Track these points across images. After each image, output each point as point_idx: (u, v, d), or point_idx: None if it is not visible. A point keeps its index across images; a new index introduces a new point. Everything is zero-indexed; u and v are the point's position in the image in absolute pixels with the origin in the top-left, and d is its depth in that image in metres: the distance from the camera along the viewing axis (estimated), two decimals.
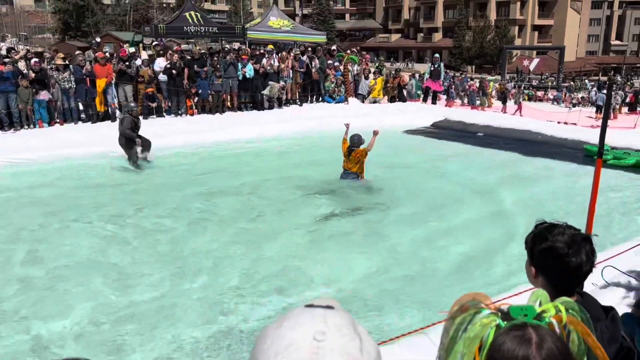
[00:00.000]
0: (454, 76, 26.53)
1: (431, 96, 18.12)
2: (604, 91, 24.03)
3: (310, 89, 17.03)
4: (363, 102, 17.10)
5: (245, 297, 4.89)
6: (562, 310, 0.89)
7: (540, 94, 35.10)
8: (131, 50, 15.19)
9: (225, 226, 6.92)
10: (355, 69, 17.92)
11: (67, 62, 13.15)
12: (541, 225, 1.61)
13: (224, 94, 14.77)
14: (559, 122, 15.06)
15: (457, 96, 23.63)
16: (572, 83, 40.50)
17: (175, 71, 13.74)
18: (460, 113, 16.08)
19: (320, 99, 17.13)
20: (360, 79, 17.57)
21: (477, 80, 27.88)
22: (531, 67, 47.27)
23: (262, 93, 15.36)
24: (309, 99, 17.03)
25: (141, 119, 10.82)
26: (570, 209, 7.16)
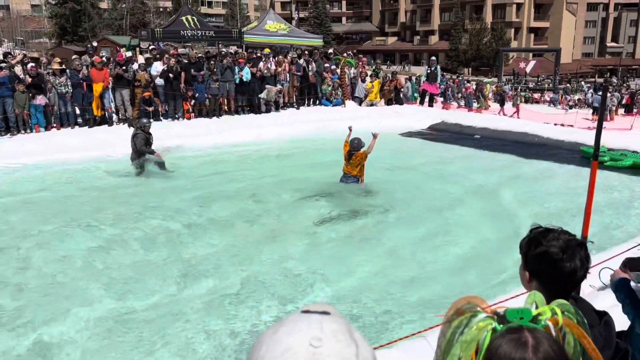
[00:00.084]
0: (450, 78, 26.59)
1: (428, 99, 18.17)
2: (600, 93, 24.09)
3: (307, 92, 17.05)
4: (360, 105, 17.11)
5: (245, 302, 4.87)
6: (558, 312, 0.89)
7: (536, 96, 35.18)
8: (128, 54, 15.19)
9: (223, 230, 6.90)
10: (352, 72, 17.95)
11: (64, 66, 13.14)
12: (536, 229, 1.60)
13: (221, 97, 14.78)
14: (555, 124, 15.11)
15: (453, 99, 23.68)
16: (568, 85, 40.60)
17: (172, 74, 13.74)
18: (457, 115, 16.12)
19: (317, 102, 17.16)
20: (357, 82, 17.59)
21: (473, 82, 27.93)
22: (527, 69, 47.35)
23: (259, 96, 15.37)
24: (306, 102, 17.05)
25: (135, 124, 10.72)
26: (570, 210, 7.18)
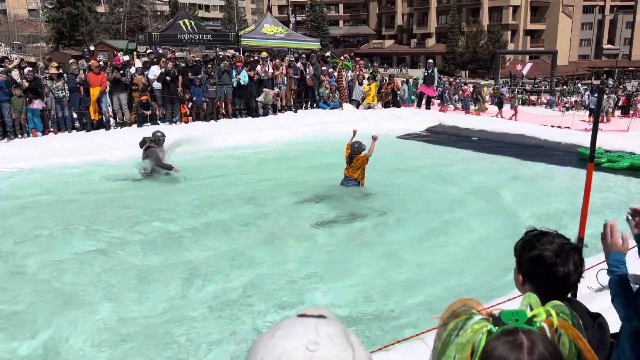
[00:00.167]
0: (447, 81, 26.61)
1: (425, 101, 18.21)
2: (596, 95, 24.18)
3: (304, 95, 17.06)
4: (357, 107, 17.13)
5: (244, 306, 4.86)
6: (553, 314, 0.89)
7: (533, 98, 35.27)
8: (125, 58, 15.19)
9: (222, 234, 6.89)
10: (349, 75, 17.97)
11: (61, 71, 13.12)
12: (531, 232, 1.61)
13: (219, 101, 14.78)
14: (552, 126, 15.15)
15: (450, 101, 23.70)
16: (565, 87, 40.74)
17: (169, 77, 13.72)
18: (454, 118, 16.16)
19: (314, 105, 17.17)
20: (354, 84, 17.62)
21: (470, 85, 28.00)
22: (524, 72, 47.54)
23: (256, 100, 15.38)
24: (303, 105, 17.06)
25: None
26: (568, 212, 7.20)
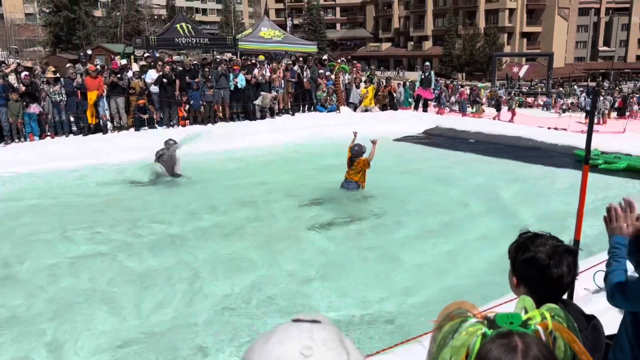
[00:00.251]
0: (445, 84, 26.68)
1: (422, 104, 18.26)
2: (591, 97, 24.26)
3: (302, 99, 17.09)
4: (355, 110, 17.16)
5: (243, 311, 4.84)
6: (548, 317, 0.90)
7: (530, 100, 35.38)
8: (123, 62, 15.19)
9: (220, 238, 6.88)
10: (347, 78, 18.01)
11: (58, 75, 13.11)
12: (525, 234, 1.62)
13: (216, 104, 14.78)
14: (549, 128, 15.20)
15: (447, 103, 23.76)
16: (561, 89, 40.88)
17: (165, 80, 13.71)
18: (451, 120, 16.20)
19: (312, 108, 17.18)
20: (352, 88, 17.65)
21: (467, 87, 28.07)
22: (521, 74, 47.71)
23: (254, 103, 15.39)
24: (301, 108, 17.08)
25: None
26: (571, 213, 7.19)
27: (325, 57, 22.09)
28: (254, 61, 17.05)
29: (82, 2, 36.61)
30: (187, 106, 14.60)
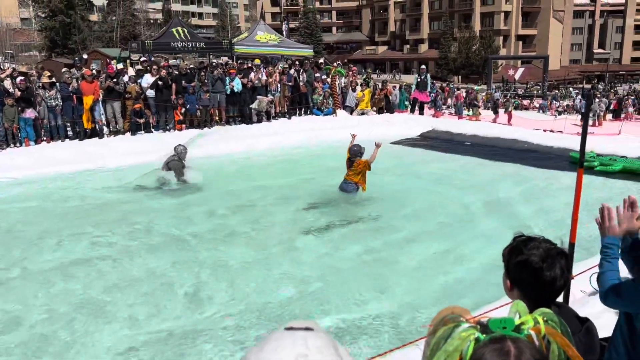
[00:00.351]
0: (441, 87, 26.75)
1: (418, 107, 18.30)
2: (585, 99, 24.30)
3: (298, 102, 17.11)
4: (351, 114, 17.19)
5: (241, 318, 4.84)
6: (541, 321, 0.90)
7: (526, 102, 35.46)
8: (119, 66, 15.17)
9: (218, 242, 6.87)
10: (343, 81, 18.05)
11: (53, 79, 13.08)
12: (518, 238, 1.62)
13: (212, 108, 14.78)
14: (545, 130, 15.23)
15: (443, 105, 23.80)
16: (556, 91, 41.03)
17: (162, 83, 13.68)
18: (447, 123, 16.25)
19: (308, 111, 17.21)
20: (348, 91, 17.68)
21: (463, 90, 28.15)
22: (516, 76, 47.91)
23: (250, 107, 15.40)
24: (297, 112, 17.10)
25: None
26: (565, 216, 7.22)
27: (321, 60, 22.13)
28: (250, 65, 17.07)
29: (78, 6, 36.58)
30: (184, 110, 14.60)
